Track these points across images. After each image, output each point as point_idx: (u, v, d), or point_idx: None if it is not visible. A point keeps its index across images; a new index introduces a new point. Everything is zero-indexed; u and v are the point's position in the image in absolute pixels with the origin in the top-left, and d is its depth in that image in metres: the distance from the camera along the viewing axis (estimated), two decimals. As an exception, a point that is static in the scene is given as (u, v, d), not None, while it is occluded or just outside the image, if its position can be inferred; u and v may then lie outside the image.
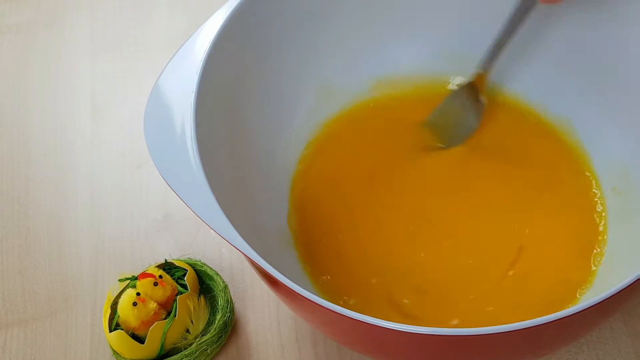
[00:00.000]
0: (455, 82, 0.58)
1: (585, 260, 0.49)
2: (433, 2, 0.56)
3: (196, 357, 0.49)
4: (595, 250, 0.50)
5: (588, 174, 0.53)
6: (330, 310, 0.37)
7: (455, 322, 0.48)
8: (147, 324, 0.49)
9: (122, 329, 0.49)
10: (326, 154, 0.56)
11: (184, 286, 0.51)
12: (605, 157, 0.53)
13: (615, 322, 0.50)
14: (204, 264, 0.53)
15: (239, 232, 0.40)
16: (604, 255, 0.49)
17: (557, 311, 0.35)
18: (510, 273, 0.49)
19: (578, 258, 0.50)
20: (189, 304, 0.50)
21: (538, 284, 0.49)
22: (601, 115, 0.54)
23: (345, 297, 0.49)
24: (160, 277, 0.50)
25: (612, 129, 0.53)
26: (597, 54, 0.53)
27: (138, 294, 0.49)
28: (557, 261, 0.50)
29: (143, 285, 0.49)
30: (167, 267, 0.52)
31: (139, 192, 0.60)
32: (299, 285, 0.38)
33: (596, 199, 0.52)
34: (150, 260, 0.56)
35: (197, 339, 0.49)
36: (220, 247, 0.56)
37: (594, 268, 0.49)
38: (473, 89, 0.55)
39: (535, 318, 0.35)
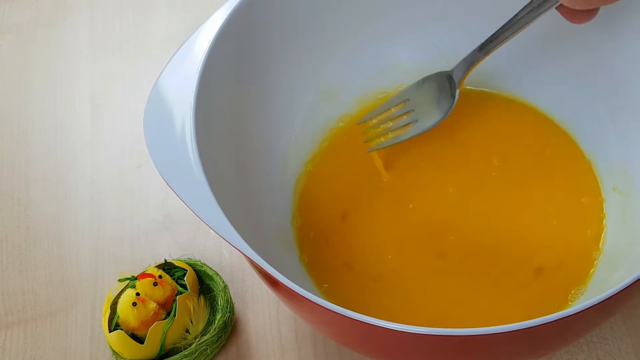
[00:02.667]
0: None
1: (585, 260, 0.49)
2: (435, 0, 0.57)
3: (196, 357, 0.49)
4: (594, 250, 0.50)
5: (587, 173, 0.53)
6: (330, 310, 0.37)
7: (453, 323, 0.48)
8: (147, 324, 0.49)
9: (121, 329, 0.49)
10: (330, 154, 0.56)
11: (184, 286, 0.51)
12: (605, 156, 0.53)
13: (615, 322, 0.50)
14: (204, 264, 0.53)
15: (239, 232, 0.40)
16: (604, 255, 0.49)
17: (556, 311, 0.35)
18: (509, 273, 0.49)
19: (577, 257, 0.50)
20: (189, 304, 0.50)
21: (537, 283, 0.49)
22: (601, 114, 0.54)
23: (346, 297, 0.49)
24: (160, 277, 0.50)
25: (612, 129, 0.53)
26: (599, 54, 0.53)
27: (138, 294, 0.49)
28: (556, 261, 0.50)
29: (143, 285, 0.49)
30: (167, 267, 0.52)
31: (139, 192, 0.60)
32: (299, 286, 0.38)
33: (595, 199, 0.52)
34: (150, 260, 0.56)
35: (197, 339, 0.49)
36: (220, 247, 0.56)
37: (593, 268, 0.49)
38: (451, 81, 0.54)
39: (534, 318, 0.35)
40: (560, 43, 0.55)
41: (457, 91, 0.53)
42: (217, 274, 0.53)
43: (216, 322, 0.50)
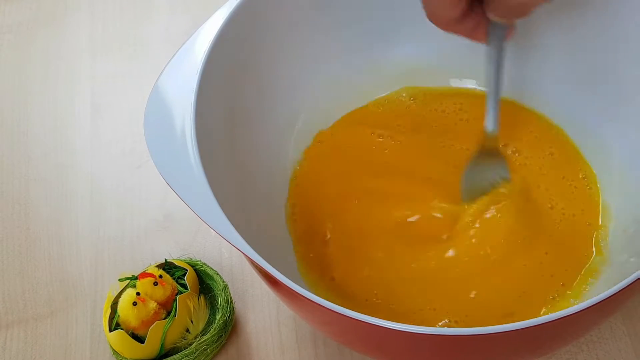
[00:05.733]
0: (455, 83, 0.58)
1: (585, 260, 0.50)
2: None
3: (196, 357, 0.49)
4: (595, 250, 0.50)
5: (588, 176, 0.53)
6: (330, 310, 0.37)
7: (447, 321, 0.48)
8: (147, 323, 0.49)
9: (122, 329, 0.49)
10: (331, 154, 0.56)
11: (184, 286, 0.51)
12: (606, 160, 0.53)
13: (615, 322, 0.50)
14: (204, 264, 0.53)
15: (238, 232, 0.40)
16: (604, 255, 0.50)
17: (556, 311, 0.35)
18: (511, 273, 0.49)
19: (578, 258, 0.50)
20: (189, 304, 0.50)
21: (538, 284, 0.49)
22: (601, 120, 0.54)
23: (346, 296, 0.49)
24: (160, 276, 0.50)
25: (612, 134, 0.53)
26: (599, 61, 0.53)
27: (138, 293, 0.49)
28: (557, 261, 0.50)
29: (143, 285, 0.49)
30: (167, 266, 0.52)
31: (139, 192, 0.60)
32: (299, 285, 0.38)
33: (596, 201, 0.52)
34: (150, 260, 0.56)
35: (197, 339, 0.50)
36: (220, 246, 0.56)
37: (593, 268, 0.49)
38: (488, 151, 0.53)
39: (534, 318, 0.35)
40: (558, 44, 0.55)
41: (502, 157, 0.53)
42: (217, 274, 0.53)
43: (216, 321, 0.50)
